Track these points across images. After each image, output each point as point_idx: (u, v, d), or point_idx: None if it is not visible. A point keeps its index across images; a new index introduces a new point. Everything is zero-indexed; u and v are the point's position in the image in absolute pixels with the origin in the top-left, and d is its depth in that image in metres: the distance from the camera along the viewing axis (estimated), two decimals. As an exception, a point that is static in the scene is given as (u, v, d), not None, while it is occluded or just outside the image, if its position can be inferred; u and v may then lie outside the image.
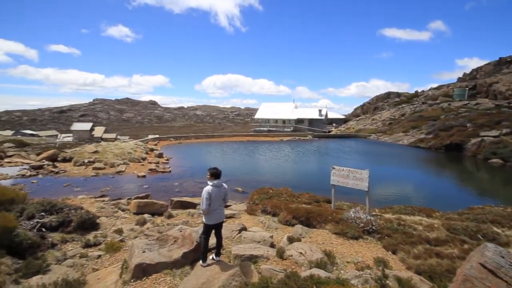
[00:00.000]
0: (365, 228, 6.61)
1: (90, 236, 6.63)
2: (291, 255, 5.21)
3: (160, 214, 9.18)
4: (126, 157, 20.85)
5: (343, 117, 76.95)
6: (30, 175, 15.31)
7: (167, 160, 23.93)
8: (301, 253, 5.21)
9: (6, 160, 18.94)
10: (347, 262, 5.27)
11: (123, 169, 18.07)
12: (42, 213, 6.74)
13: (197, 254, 4.97)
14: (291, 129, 57.79)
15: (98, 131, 43.11)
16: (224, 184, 4.46)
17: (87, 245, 6.19)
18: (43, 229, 6.31)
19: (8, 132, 55.08)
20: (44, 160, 18.66)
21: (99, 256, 5.62)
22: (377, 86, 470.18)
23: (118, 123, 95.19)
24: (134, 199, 10.76)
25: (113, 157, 20.21)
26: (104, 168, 17.85)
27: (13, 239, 5.18)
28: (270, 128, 59.50)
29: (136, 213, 9.11)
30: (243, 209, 9.77)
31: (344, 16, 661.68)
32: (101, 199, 11.36)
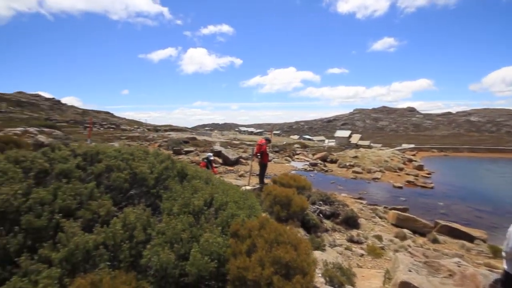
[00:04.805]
0: None
1: (353, 233, 7.33)
2: None
3: (422, 234, 8.19)
4: (382, 165, 20.96)
5: None
6: (309, 170, 20.01)
7: (429, 174, 21.04)
8: None
9: (295, 156, 26.27)
10: None
11: (379, 177, 18.34)
12: (320, 202, 8.48)
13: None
14: None
15: (354, 138, 47.29)
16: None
17: (351, 240, 6.91)
18: (321, 215, 7.91)
19: (296, 137, 77.64)
20: (317, 159, 23.64)
21: (362, 255, 6.04)
22: None
23: (372, 131, 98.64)
24: (391, 209, 10.51)
25: (370, 164, 21.18)
26: (361, 173, 19.21)
27: (304, 216, 6.96)
28: None
29: (394, 225, 8.80)
30: None
31: None
32: (359, 201, 12.25)
